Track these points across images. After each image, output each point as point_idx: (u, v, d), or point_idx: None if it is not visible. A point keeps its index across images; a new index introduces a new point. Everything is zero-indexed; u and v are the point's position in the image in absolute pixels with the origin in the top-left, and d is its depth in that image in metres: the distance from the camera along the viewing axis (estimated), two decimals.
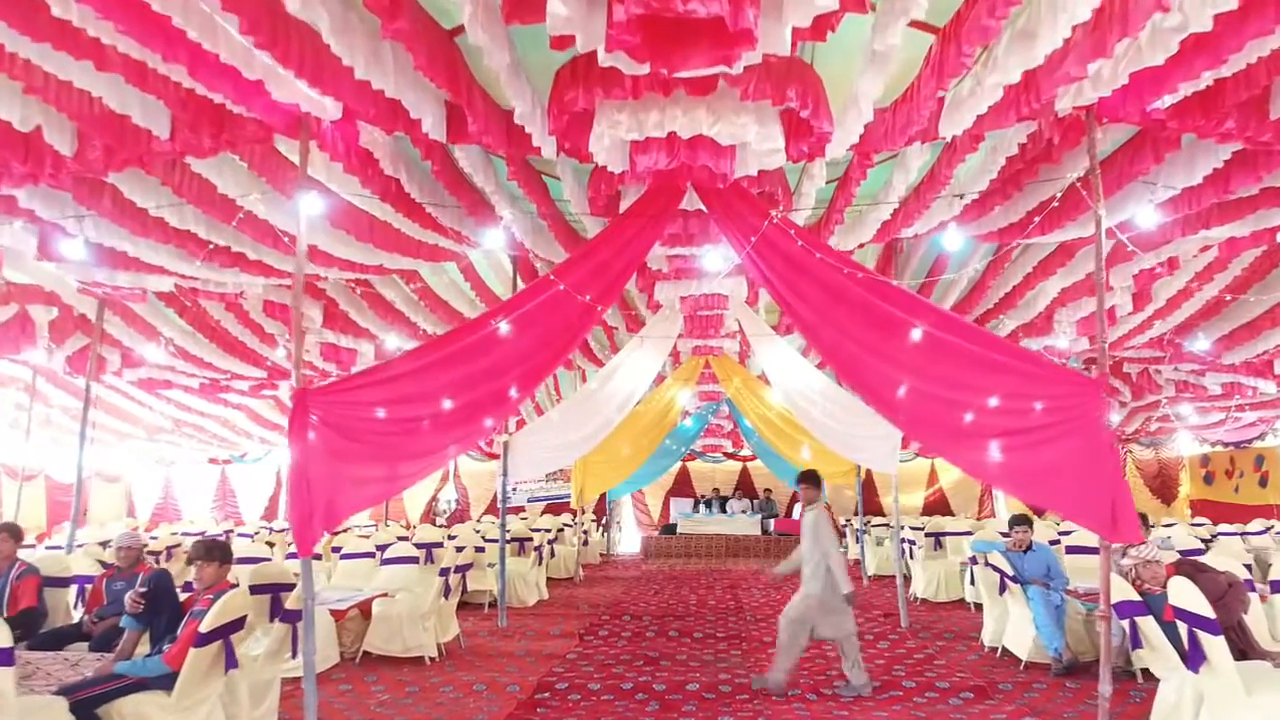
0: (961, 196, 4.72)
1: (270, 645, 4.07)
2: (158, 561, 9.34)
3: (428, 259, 6.89)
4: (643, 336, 7.98)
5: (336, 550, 8.20)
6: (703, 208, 4.61)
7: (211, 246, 5.43)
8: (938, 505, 17.93)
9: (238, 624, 3.62)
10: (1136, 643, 3.84)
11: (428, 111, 3.93)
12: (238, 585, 4.79)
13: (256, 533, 13.10)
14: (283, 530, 13.87)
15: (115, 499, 18.28)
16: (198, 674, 3.47)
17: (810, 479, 5.64)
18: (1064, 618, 5.63)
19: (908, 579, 11.17)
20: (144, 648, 3.85)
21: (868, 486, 15.67)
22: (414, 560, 7.35)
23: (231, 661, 3.59)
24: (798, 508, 17.51)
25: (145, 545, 10.43)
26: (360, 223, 5.81)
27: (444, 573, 6.24)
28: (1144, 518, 6.08)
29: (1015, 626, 5.92)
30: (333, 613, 5.85)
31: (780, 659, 5.26)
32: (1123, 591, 3.84)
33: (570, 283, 4.05)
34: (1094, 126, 4.11)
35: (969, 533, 10.30)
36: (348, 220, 5.71)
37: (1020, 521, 6.04)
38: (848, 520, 15.40)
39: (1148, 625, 3.77)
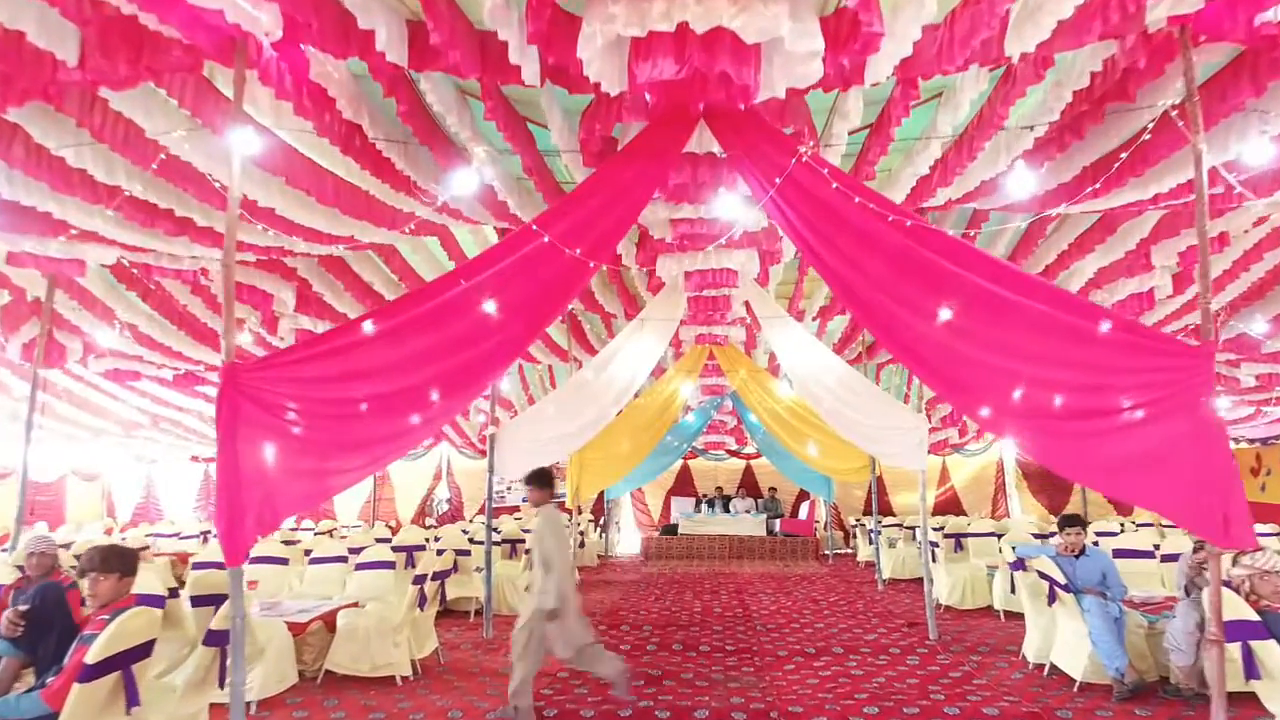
0: (1033, 128, 4.00)
1: (194, 674, 3.36)
2: None
3: (405, 230, 6.19)
4: (643, 319, 7.28)
5: (307, 553, 7.48)
6: (715, 150, 3.90)
7: (127, 193, 4.68)
8: (949, 505, 17.24)
9: (140, 651, 2.91)
10: (1252, 671, 3.14)
11: (380, 22, 3.22)
12: (176, 595, 4.10)
13: None
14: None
15: (93, 498, 17.56)
16: (87, 715, 2.76)
17: (537, 479, 4.84)
18: (1124, 632, 4.94)
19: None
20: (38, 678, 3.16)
21: (878, 485, 14.94)
22: (390, 565, 6.65)
23: (133, 698, 2.89)
24: (804, 506, 16.91)
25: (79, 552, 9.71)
26: (323, 184, 5.11)
27: (419, 580, 5.53)
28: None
29: (1066, 641, 5.22)
30: (291, 626, 5.13)
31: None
32: (1235, 609, 3.14)
33: (556, 233, 3.34)
34: (1189, 45, 3.42)
35: (993, 534, 9.63)
36: (309, 179, 5.01)
37: (1072, 523, 5.33)
38: (859, 521, 14.71)
39: (1267, 650, 3.07)
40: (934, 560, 9.06)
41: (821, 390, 7.15)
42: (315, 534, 13.62)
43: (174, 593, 4.69)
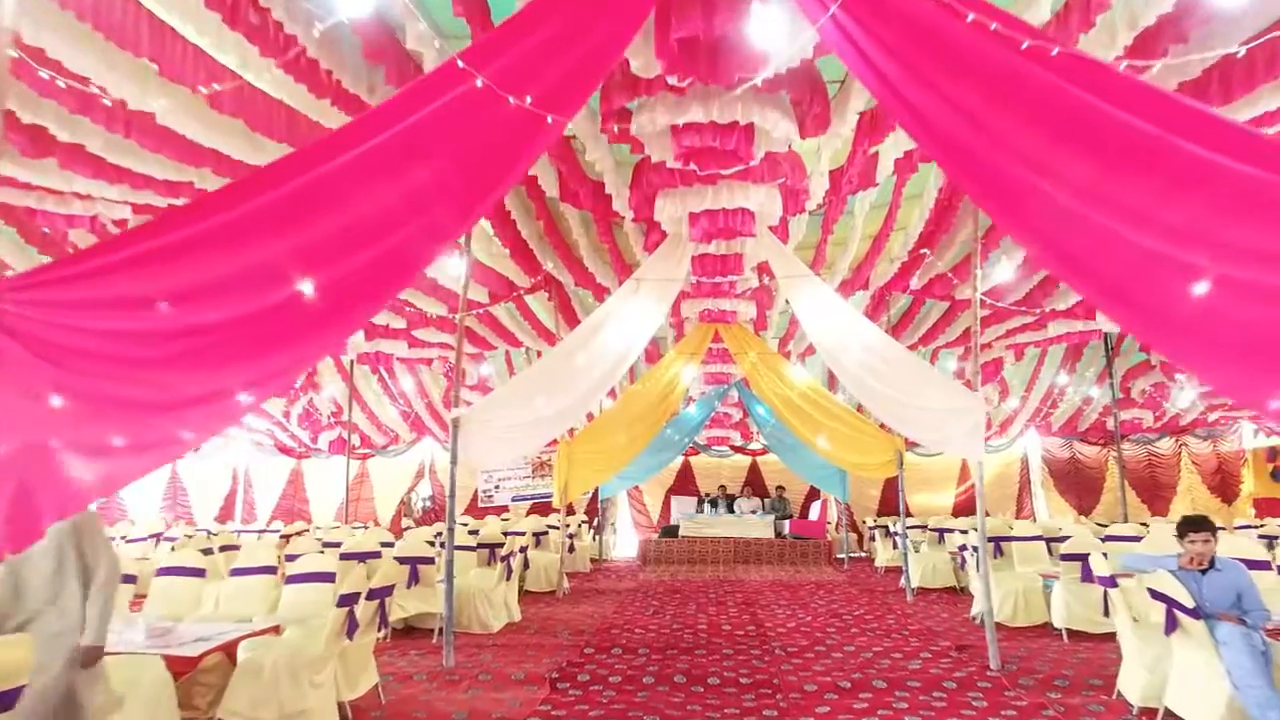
0: None
1: None
2: None
3: None
4: (638, 279, 6.06)
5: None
6: None
7: None
8: (969, 505, 15.99)
9: None
10: None
11: None
12: None
13: (190, 536, 11.07)
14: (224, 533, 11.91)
15: None
16: None
17: None
18: (1271, 669, 3.73)
19: (962, 591, 9.27)
20: None
21: (891, 483, 13.70)
22: (329, 578, 5.40)
23: None
24: (814, 506, 15.67)
25: None
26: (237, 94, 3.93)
27: (346, 601, 4.30)
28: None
29: (1188, 680, 4.01)
30: (174, 662, 3.87)
31: None
32: None
33: (493, 73, 2.11)
34: None
35: (1039, 537, 8.41)
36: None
37: (1198, 527, 4.09)
38: (876, 523, 13.48)
39: None
40: (976, 568, 7.83)
41: (853, 363, 5.94)
42: (281, 536, 12.36)
43: None
